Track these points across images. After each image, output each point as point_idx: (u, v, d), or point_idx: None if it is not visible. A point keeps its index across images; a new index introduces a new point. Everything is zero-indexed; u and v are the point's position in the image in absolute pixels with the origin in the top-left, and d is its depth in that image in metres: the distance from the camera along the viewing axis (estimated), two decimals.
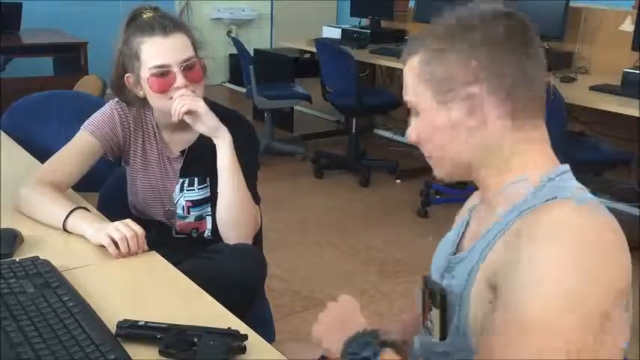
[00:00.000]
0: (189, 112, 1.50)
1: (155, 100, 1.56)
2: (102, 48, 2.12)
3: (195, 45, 1.57)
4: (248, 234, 1.57)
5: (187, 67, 1.52)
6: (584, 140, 3.29)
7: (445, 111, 0.92)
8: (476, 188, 1.01)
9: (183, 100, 1.49)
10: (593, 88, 3.32)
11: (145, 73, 1.52)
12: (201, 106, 1.50)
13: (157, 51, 1.50)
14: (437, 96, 0.93)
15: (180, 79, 1.51)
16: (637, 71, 3.31)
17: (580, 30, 3.86)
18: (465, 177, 0.97)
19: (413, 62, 0.96)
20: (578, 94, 3.25)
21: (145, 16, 1.55)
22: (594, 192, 0.97)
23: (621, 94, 3.19)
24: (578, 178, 0.98)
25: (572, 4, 3.72)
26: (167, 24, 1.51)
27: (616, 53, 3.61)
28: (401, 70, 0.98)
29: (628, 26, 3.59)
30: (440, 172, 0.98)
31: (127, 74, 1.57)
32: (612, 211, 0.91)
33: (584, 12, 3.84)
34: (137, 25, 1.54)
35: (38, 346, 1.00)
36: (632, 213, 3.75)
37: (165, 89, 1.52)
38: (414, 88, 0.95)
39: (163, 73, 1.51)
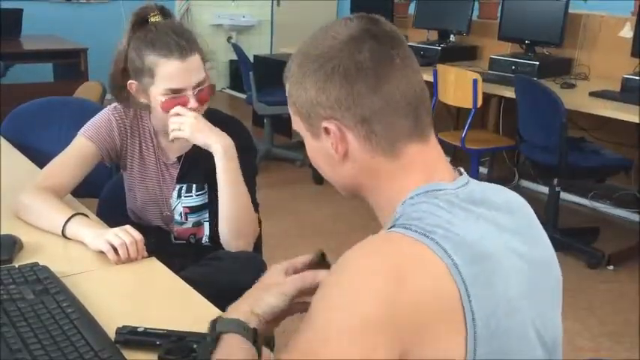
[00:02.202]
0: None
1: (162, 115, 1.56)
2: (102, 54, 2.12)
3: (204, 60, 1.56)
4: (249, 242, 1.57)
5: (200, 89, 1.53)
6: (584, 146, 3.29)
7: (317, 141, 0.89)
8: None
9: (172, 126, 1.52)
10: (592, 94, 3.32)
11: (158, 91, 1.52)
12: (185, 133, 1.51)
13: (174, 75, 1.49)
14: (308, 129, 0.89)
15: (193, 102, 1.52)
16: (637, 77, 3.31)
17: (579, 36, 3.87)
18: (362, 197, 0.93)
19: (287, 87, 0.91)
20: (577, 100, 3.26)
21: (152, 20, 1.53)
22: (595, 198, 0.95)
23: (621, 100, 3.19)
24: (578, 185, 0.96)
25: (571, 10, 3.73)
26: (184, 45, 1.49)
27: (615, 59, 3.62)
28: None
29: (627, 32, 3.60)
30: (339, 190, 0.95)
31: (131, 81, 1.56)
32: (613, 217, 0.90)
33: (584, 18, 3.85)
34: (149, 37, 1.50)
35: (37, 352, 1.00)
36: (632, 219, 3.75)
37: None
38: (292, 114, 0.92)
39: (178, 95, 1.51)
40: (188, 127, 1.51)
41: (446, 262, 0.75)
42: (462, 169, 0.90)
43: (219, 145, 1.50)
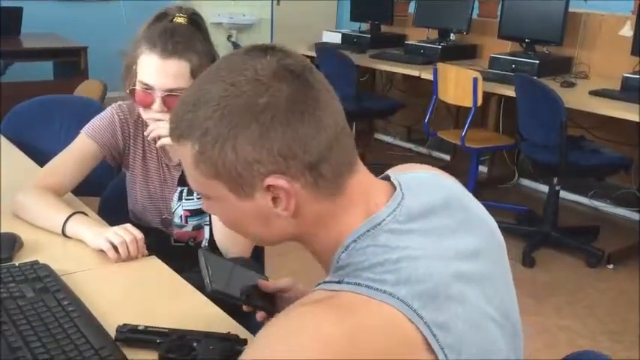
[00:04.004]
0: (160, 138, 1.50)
1: (139, 109, 1.55)
2: (102, 53, 2.12)
3: (197, 72, 1.48)
4: (245, 248, 1.55)
5: (172, 96, 1.48)
6: (584, 145, 3.29)
7: (246, 202, 0.78)
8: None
9: (153, 126, 1.50)
10: (592, 93, 3.32)
11: (136, 81, 1.51)
12: (165, 141, 1.48)
13: (147, 69, 1.48)
14: (233, 190, 0.77)
15: (158, 105, 1.48)
16: (637, 76, 3.31)
17: (579, 35, 3.87)
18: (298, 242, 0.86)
19: (186, 149, 0.77)
20: (577, 98, 3.26)
21: (174, 20, 1.51)
22: (595, 197, 0.93)
23: (621, 99, 3.20)
24: (578, 183, 0.94)
25: (571, 9, 3.73)
26: (169, 47, 1.45)
27: (615, 58, 3.62)
28: (401, 75, 0.91)
29: (627, 31, 3.60)
30: (264, 244, 0.89)
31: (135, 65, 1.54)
32: (613, 216, 0.90)
33: (584, 17, 3.85)
34: (153, 29, 1.50)
35: (37, 350, 1.00)
36: (632, 218, 3.75)
37: (144, 105, 1.51)
38: (200, 177, 0.78)
39: (147, 91, 1.49)
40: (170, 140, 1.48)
41: (403, 310, 0.72)
42: (392, 177, 0.85)
43: None
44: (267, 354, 0.70)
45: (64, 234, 1.44)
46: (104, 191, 1.92)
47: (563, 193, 3.56)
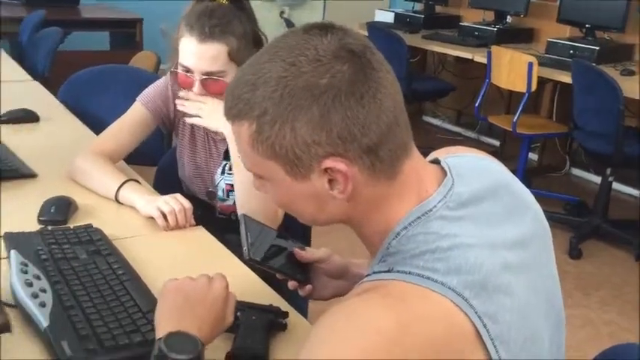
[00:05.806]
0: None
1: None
2: (157, 25, 2.14)
3: (235, 55, 1.49)
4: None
5: (210, 79, 1.49)
6: (638, 135, 3.19)
7: (301, 183, 0.77)
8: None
9: (183, 103, 1.52)
10: None
11: (177, 63, 1.53)
12: (202, 122, 1.51)
13: (186, 52, 1.49)
14: (289, 171, 0.77)
15: (197, 88, 1.50)
16: None
17: None
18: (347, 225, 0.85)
19: (243, 129, 0.77)
20: (637, 87, 3.14)
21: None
22: None
23: None
24: (632, 175, 0.91)
25: None
26: (206, 30, 1.46)
27: None
28: (453, 57, 0.89)
29: None
30: (312, 224, 0.87)
31: None
32: None
33: None
34: (197, 9, 1.51)
35: (88, 310, 1.05)
36: None
37: (185, 87, 1.53)
38: (253, 161, 0.79)
39: (187, 74, 1.51)
40: (205, 114, 1.50)
41: (455, 300, 0.71)
42: (441, 160, 0.84)
43: (228, 129, 1.45)
44: (322, 351, 0.69)
45: (116, 200, 1.49)
46: (160, 160, 1.96)
47: (615, 185, 3.46)
